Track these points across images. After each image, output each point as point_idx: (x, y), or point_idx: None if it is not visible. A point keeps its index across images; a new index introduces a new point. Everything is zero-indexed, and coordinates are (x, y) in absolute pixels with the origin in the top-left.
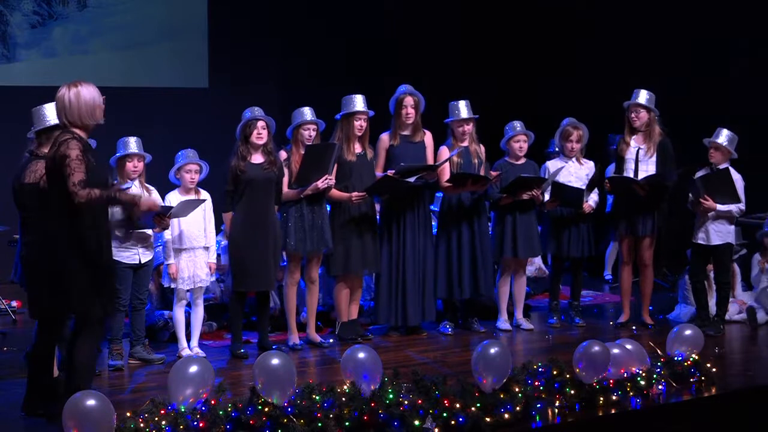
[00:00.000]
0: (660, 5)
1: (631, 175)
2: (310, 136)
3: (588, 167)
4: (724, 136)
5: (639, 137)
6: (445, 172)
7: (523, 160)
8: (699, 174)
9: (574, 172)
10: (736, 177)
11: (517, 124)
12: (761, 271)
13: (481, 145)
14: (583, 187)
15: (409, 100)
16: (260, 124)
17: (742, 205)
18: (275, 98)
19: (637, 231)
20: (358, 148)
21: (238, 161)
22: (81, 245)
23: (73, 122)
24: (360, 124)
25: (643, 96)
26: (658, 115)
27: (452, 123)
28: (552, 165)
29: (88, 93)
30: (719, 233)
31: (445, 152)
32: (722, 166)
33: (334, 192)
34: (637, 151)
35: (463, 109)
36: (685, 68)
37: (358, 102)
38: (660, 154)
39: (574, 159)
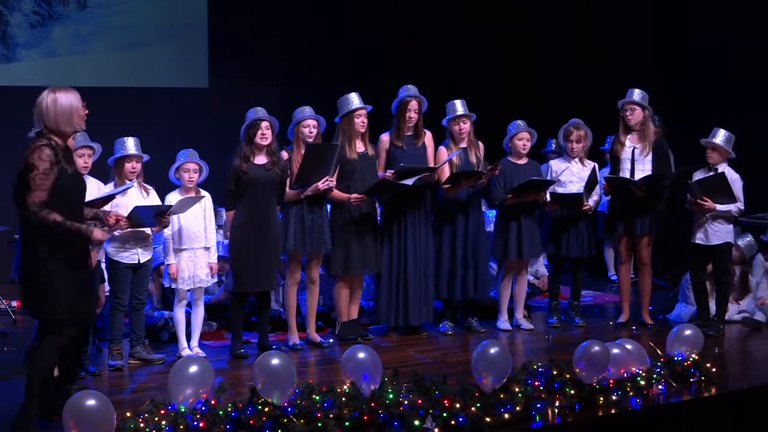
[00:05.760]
0: (660, 5)
1: (628, 176)
2: (311, 133)
3: (590, 168)
4: (720, 136)
5: (634, 136)
6: (445, 174)
7: (525, 160)
8: (696, 175)
9: (576, 172)
10: (735, 177)
11: (520, 122)
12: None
13: (480, 143)
14: (582, 191)
15: (413, 105)
16: (264, 124)
17: (740, 205)
18: (275, 98)
19: (635, 230)
20: (360, 146)
21: (241, 162)
22: (52, 247)
23: (51, 128)
24: (361, 121)
25: (637, 94)
26: (652, 114)
27: (449, 122)
28: (555, 165)
29: (66, 99)
30: (718, 233)
31: (443, 152)
32: (720, 167)
33: (336, 192)
34: (633, 151)
35: (459, 107)
36: (685, 68)
37: (355, 99)
38: (656, 153)
39: (577, 159)
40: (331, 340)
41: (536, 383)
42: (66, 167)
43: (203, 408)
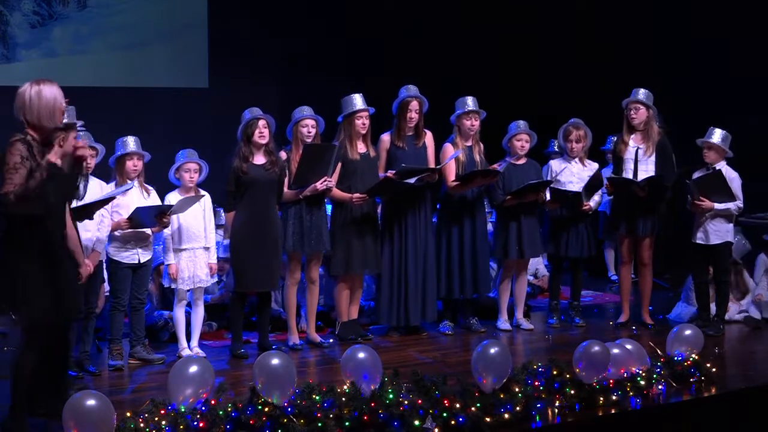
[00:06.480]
0: (660, 5)
1: (631, 176)
2: (309, 133)
3: (591, 169)
4: (717, 135)
5: (637, 136)
6: (451, 171)
7: (524, 160)
8: (695, 175)
9: (577, 173)
10: (733, 175)
11: (521, 123)
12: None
13: (480, 143)
14: (581, 190)
15: (414, 105)
16: (261, 123)
17: (740, 203)
18: (275, 98)
19: (637, 231)
20: (361, 147)
21: (240, 162)
22: (21, 244)
23: (31, 121)
24: (362, 122)
25: (642, 93)
26: (656, 113)
27: (460, 117)
28: (555, 165)
29: (50, 93)
30: (718, 232)
31: (449, 149)
32: (718, 166)
33: (336, 192)
34: (636, 151)
35: (470, 102)
36: (685, 68)
37: (358, 101)
38: (659, 154)
39: (577, 160)
40: (331, 340)
41: (536, 383)
42: (43, 162)
43: (203, 408)
